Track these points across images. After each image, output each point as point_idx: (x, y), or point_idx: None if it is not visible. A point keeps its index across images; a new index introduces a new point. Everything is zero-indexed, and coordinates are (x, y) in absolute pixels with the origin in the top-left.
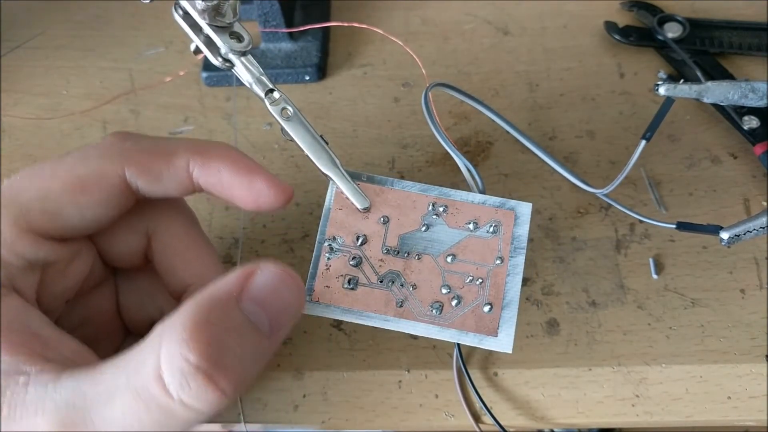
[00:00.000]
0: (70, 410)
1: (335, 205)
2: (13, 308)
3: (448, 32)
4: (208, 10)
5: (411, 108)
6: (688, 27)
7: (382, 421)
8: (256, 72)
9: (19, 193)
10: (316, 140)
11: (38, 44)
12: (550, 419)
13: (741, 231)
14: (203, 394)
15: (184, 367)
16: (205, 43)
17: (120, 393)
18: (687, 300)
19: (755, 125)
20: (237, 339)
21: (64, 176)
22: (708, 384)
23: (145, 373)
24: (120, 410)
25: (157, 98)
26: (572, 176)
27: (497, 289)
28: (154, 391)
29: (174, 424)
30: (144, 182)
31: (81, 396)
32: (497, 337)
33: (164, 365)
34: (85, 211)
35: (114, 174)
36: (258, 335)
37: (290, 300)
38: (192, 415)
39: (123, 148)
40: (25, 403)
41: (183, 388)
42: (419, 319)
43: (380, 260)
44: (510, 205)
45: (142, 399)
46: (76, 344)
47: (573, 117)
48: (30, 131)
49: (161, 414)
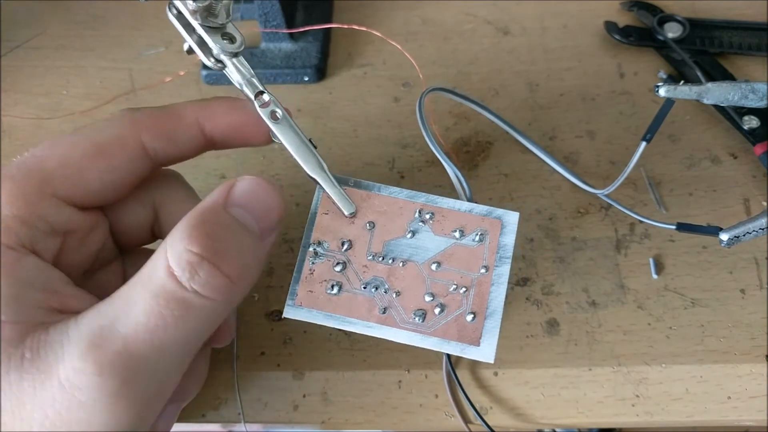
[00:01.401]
0: (95, 331)
1: (321, 209)
2: (31, 268)
3: (448, 32)
4: (199, 10)
5: (411, 108)
6: (688, 27)
7: (382, 421)
8: (246, 73)
9: (43, 161)
10: (304, 143)
11: (38, 44)
12: (550, 419)
13: (740, 232)
14: (212, 280)
15: (191, 257)
16: (198, 43)
17: (139, 298)
18: (687, 300)
19: (755, 125)
20: (231, 234)
21: (84, 144)
22: (708, 384)
23: (157, 275)
24: (143, 314)
25: (157, 98)
26: (572, 176)
27: (481, 299)
28: (168, 286)
29: (192, 315)
30: (160, 144)
31: (103, 315)
32: (479, 346)
33: (172, 261)
34: (105, 175)
35: (131, 138)
36: (249, 233)
37: (270, 201)
38: (205, 303)
39: (135, 117)
40: (47, 343)
41: (193, 278)
42: (402, 326)
43: (365, 266)
44: (497, 213)
45: (159, 296)
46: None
47: (573, 117)
48: (30, 131)
49: (180, 308)
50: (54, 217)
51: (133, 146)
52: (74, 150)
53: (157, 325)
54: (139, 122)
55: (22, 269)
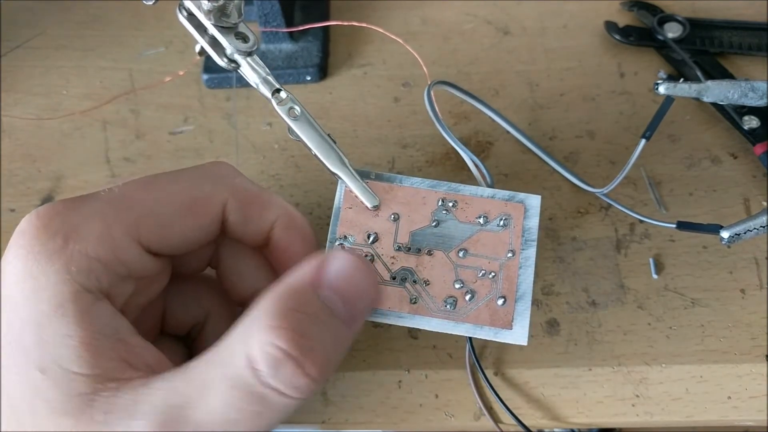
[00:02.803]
0: (167, 409)
1: (345, 204)
2: (105, 314)
3: (448, 32)
4: (213, 10)
5: (411, 108)
6: (688, 27)
7: (382, 421)
8: (262, 72)
9: (136, 203)
10: (324, 139)
11: (38, 44)
12: (550, 419)
13: (741, 230)
14: (294, 380)
15: (276, 352)
16: (210, 43)
17: (215, 385)
18: (687, 300)
19: (755, 125)
20: (318, 326)
21: (180, 196)
22: (708, 384)
23: (238, 363)
24: (218, 402)
25: (157, 98)
26: (572, 176)
27: (510, 282)
28: (248, 379)
29: (269, 412)
30: (235, 218)
31: (177, 394)
32: (512, 329)
33: (256, 353)
34: (189, 232)
35: (220, 201)
36: (337, 322)
37: (364, 286)
38: (284, 401)
39: (231, 181)
40: (118, 407)
41: (275, 375)
42: (434, 314)
43: (392, 257)
44: (519, 198)
45: (238, 388)
46: (157, 353)
47: (573, 117)
48: (30, 131)
49: (257, 402)
50: (134, 264)
51: (218, 210)
52: (169, 199)
53: (233, 419)
54: (234, 189)
55: (97, 315)
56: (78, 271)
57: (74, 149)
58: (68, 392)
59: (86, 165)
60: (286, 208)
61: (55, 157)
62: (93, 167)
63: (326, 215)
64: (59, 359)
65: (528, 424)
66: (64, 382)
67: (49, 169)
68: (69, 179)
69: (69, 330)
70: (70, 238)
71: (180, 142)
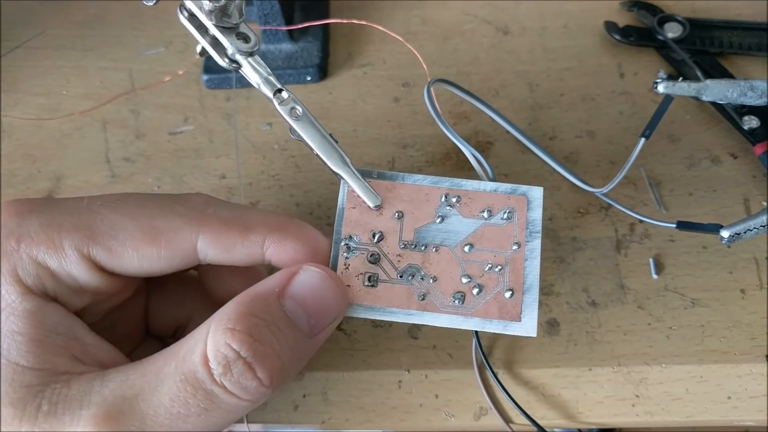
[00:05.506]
0: (117, 401)
1: (348, 204)
2: (56, 314)
3: (448, 32)
4: (215, 11)
5: (411, 108)
6: (688, 27)
7: (382, 421)
8: (263, 72)
9: (97, 220)
10: (326, 139)
11: (38, 44)
12: (550, 419)
13: (741, 229)
14: (243, 381)
15: (228, 352)
16: (212, 44)
17: (168, 378)
18: (687, 300)
19: (755, 125)
20: (276, 334)
21: (142, 221)
22: (708, 384)
23: (193, 359)
24: (168, 395)
25: (157, 98)
26: (572, 176)
27: (517, 275)
28: (201, 375)
29: (216, 411)
30: (214, 251)
31: (129, 386)
32: (521, 321)
33: (209, 351)
34: (147, 260)
35: (187, 237)
36: (297, 333)
37: (330, 301)
38: (232, 401)
39: (204, 213)
40: (67, 399)
41: (225, 374)
42: (442, 310)
43: (398, 255)
44: (522, 190)
45: (189, 383)
46: (114, 350)
47: (573, 117)
48: (30, 131)
49: (206, 399)
50: (82, 279)
51: (185, 245)
52: (129, 224)
53: (180, 413)
54: (205, 223)
55: (44, 315)
56: (26, 275)
57: (74, 149)
58: (16, 384)
59: (86, 165)
60: (276, 222)
61: (55, 157)
62: (93, 167)
63: (327, 215)
64: (7, 354)
65: (528, 424)
66: (11, 374)
67: (49, 169)
68: (69, 179)
69: (17, 327)
70: (22, 242)
71: (180, 143)
